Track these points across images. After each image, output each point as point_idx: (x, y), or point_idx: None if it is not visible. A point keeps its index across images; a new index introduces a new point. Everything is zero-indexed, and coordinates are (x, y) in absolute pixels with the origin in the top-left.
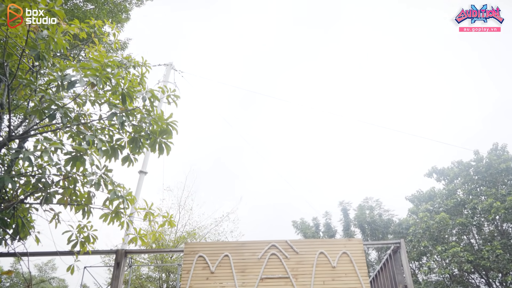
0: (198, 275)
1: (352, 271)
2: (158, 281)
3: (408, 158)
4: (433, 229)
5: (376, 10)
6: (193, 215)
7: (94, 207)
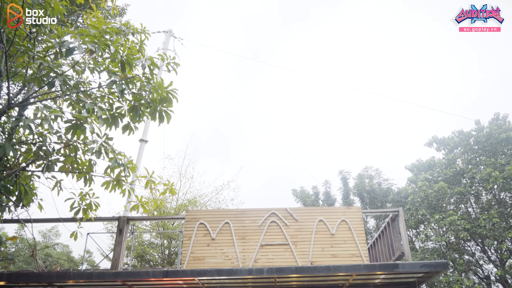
0: (199, 242)
1: (350, 238)
2: (160, 247)
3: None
4: (431, 198)
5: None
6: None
7: (95, 175)
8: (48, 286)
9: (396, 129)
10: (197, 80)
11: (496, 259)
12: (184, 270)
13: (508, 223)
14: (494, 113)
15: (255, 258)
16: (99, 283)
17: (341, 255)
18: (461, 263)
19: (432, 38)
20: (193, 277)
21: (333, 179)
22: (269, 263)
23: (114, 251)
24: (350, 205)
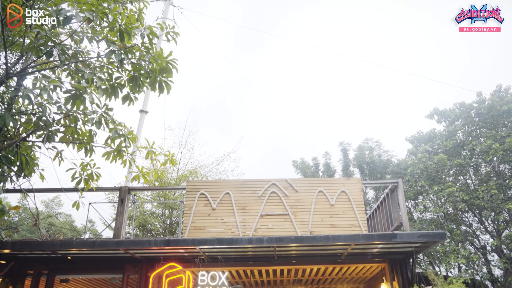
0: (200, 212)
1: (349, 208)
2: (162, 217)
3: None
4: (430, 169)
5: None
6: (194, 154)
7: (96, 146)
8: (51, 254)
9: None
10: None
11: (493, 230)
12: (185, 239)
13: (506, 194)
14: (496, 85)
15: (255, 227)
16: (102, 251)
17: (340, 225)
18: (458, 234)
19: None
20: (194, 246)
21: (333, 150)
22: (269, 232)
23: (116, 221)
24: (349, 176)
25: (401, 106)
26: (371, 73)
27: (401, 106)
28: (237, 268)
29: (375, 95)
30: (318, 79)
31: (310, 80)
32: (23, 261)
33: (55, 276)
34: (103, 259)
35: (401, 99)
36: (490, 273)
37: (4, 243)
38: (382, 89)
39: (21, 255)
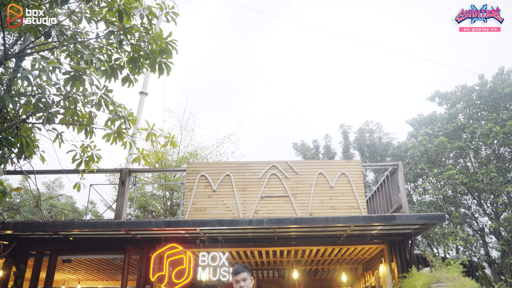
0: (200, 193)
1: (349, 190)
2: (162, 198)
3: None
4: (431, 152)
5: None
6: (194, 136)
7: (96, 127)
8: (53, 235)
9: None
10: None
11: (491, 213)
12: (186, 220)
13: (506, 177)
14: (499, 67)
15: (255, 209)
16: (103, 232)
17: (340, 207)
18: (457, 216)
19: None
20: (194, 227)
21: (334, 133)
22: (269, 214)
23: (117, 202)
24: (350, 158)
25: (403, 88)
26: (373, 55)
27: (402, 88)
28: (237, 249)
29: (377, 78)
30: (319, 61)
31: (311, 62)
32: (25, 242)
33: (57, 257)
34: (105, 240)
35: (403, 81)
36: (488, 255)
37: (6, 224)
38: (384, 72)
39: (23, 236)
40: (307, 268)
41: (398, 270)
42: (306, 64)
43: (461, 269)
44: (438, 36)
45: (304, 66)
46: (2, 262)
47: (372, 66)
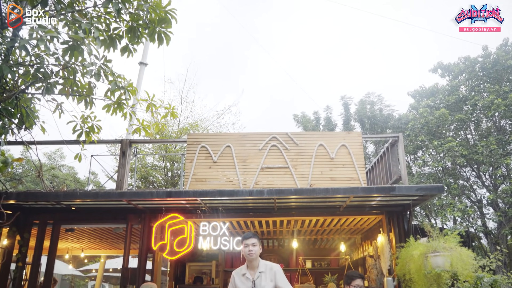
0: (201, 164)
1: (349, 162)
2: (163, 169)
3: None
4: (431, 124)
5: None
6: (195, 107)
7: (96, 98)
8: (56, 205)
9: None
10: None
11: (490, 184)
12: (187, 190)
13: (505, 150)
14: (503, 38)
15: (255, 180)
16: (105, 202)
17: (340, 178)
18: (455, 188)
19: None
20: (195, 197)
21: (335, 104)
22: (269, 185)
23: (118, 173)
24: (350, 130)
25: (405, 60)
26: (375, 25)
27: (405, 60)
28: (237, 219)
29: (379, 49)
30: (320, 32)
31: (313, 33)
32: (28, 211)
33: (60, 226)
34: (107, 209)
35: (405, 53)
36: (485, 226)
37: (9, 194)
38: (386, 43)
39: (26, 205)
40: (307, 238)
41: (396, 240)
42: (307, 35)
43: (458, 239)
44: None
45: (305, 37)
46: (6, 231)
47: (374, 36)
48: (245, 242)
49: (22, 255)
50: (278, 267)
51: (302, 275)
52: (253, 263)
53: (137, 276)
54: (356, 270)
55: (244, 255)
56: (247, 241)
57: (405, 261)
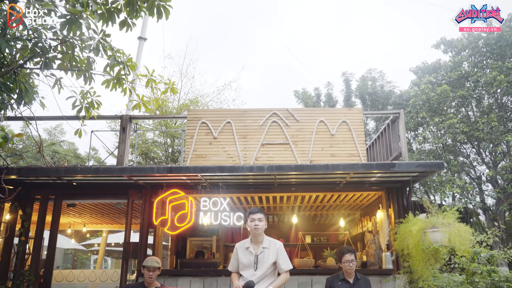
0: (201, 140)
1: (350, 138)
2: (164, 145)
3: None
4: (433, 101)
5: None
6: (195, 83)
7: (95, 73)
8: (57, 180)
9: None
10: None
11: (490, 161)
12: (187, 166)
13: (506, 126)
14: (508, 13)
15: (256, 156)
16: (106, 177)
17: (340, 154)
18: (455, 164)
19: None
20: (196, 173)
21: (336, 81)
22: (270, 161)
23: (118, 149)
24: (351, 106)
25: (408, 36)
26: (378, 0)
27: (408, 36)
28: (238, 194)
29: (382, 24)
30: (322, 7)
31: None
32: (30, 186)
33: (62, 201)
34: (108, 185)
35: (408, 28)
36: (483, 202)
37: (10, 169)
38: (389, 18)
39: (27, 181)
40: (306, 214)
41: (395, 216)
42: (308, 11)
43: (456, 216)
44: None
45: (306, 13)
46: (8, 205)
47: (377, 12)
48: (251, 217)
49: (24, 230)
50: (281, 244)
51: (301, 250)
52: (258, 238)
53: (138, 250)
54: (355, 245)
55: (249, 229)
56: (254, 215)
57: (403, 236)
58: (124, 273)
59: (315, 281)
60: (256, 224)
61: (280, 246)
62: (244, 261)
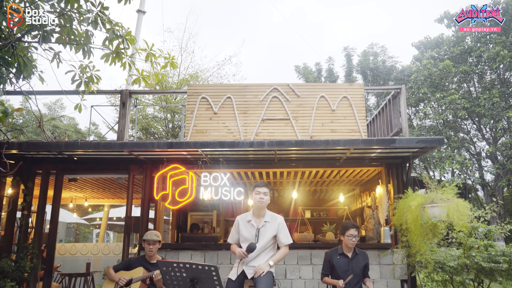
0: (201, 116)
1: (350, 114)
2: (164, 121)
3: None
4: (434, 76)
5: None
6: (195, 58)
7: (93, 47)
8: (58, 155)
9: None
10: None
11: (490, 137)
12: (188, 141)
13: (508, 102)
14: None
15: (256, 132)
16: (107, 152)
17: (341, 130)
18: (455, 140)
19: None
20: (196, 148)
21: (337, 56)
22: (270, 136)
23: (118, 124)
24: (352, 82)
25: (411, 10)
26: None
27: (411, 10)
28: (238, 170)
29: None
30: None
31: None
32: (31, 161)
33: (63, 176)
34: (109, 160)
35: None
36: (482, 178)
37: (11, 144)
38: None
39: (28, 155)
40: (306, 189)
41: (394, 191)
42: None
43: (455, 191)
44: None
45: None
46: (10, 180)
47: None
48: (257, 190)
49: (27, 204)
50: (282, 219)
51: (301, 224)
52: (261, 212)
53: (140, 224)
54: (354, 220)
55: (254, 202)
56: (259, 189)
57: (402, 211)
58: (126, 247)
59: (314, 255)
60: (261, 197)
61: (281, 221)
62: (245, 233)
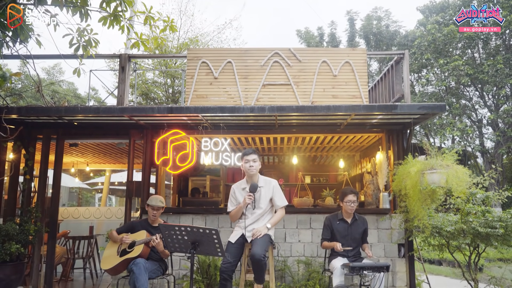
0: (202, 80)
1: (352, 80)
2: (164, 86)
3: None
4: (439, 42)
5: None
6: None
7: (91, 9)
8: (58, 120)
9: None
10: None
11: (492, 104)
12: (188, 106)
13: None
14: None
15: (257, 97)
16: (107, 117)
17: (342, 96)
18: (457, 107)
19: None
20: (196, 113)
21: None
22: (271, 102)
23: (118, 88)
24: (355, 47)
25: None
26: None
27: None
28: (239, 135)
29: None
30: None
31: None
32: (31, 126)
33: (64, 141)
34: (109, 125)
35: None
36: (482, 145)
37: (10, 109)
38: None
39: (28, 120)
40: (306, 155)
41: (394, 157)
42: None
43: (455, 157)
44: None
45: None
46: (11, 145)
47: None
48: (245, 158)
49: (29, 169)
50: (276, 182)
51: (301, 189)
52: (253, 178)
53: (141, 189)
54: (354, 185)
55: (244, 170)
56: (247, 157)
57: (401, 177)
58: (128, 211)
59: (314, 220)
60: (251, 165)
61: (275, 184)
62: (242, 201)
